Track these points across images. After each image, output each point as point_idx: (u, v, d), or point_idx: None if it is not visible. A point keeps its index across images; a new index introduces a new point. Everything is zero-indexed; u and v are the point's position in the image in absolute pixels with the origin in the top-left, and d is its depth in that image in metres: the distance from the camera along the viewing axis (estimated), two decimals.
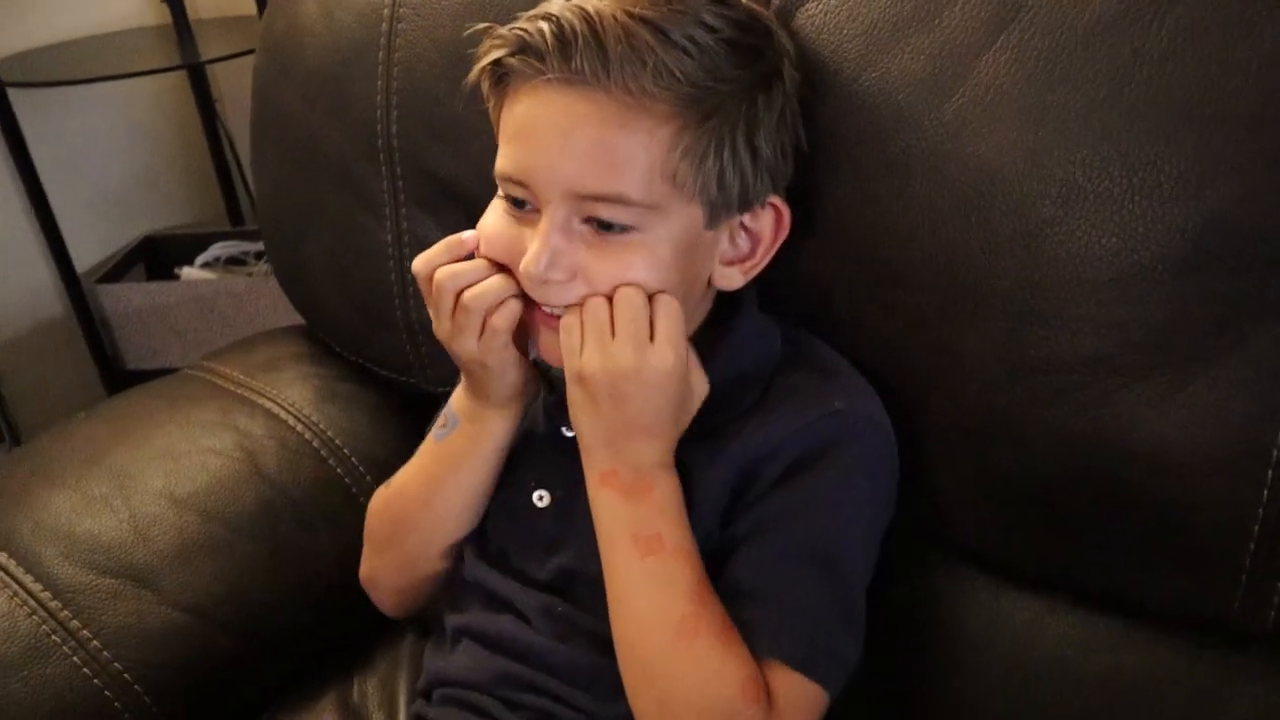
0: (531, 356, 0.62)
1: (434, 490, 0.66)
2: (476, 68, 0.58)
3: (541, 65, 0.53)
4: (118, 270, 1.40)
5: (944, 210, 0.56)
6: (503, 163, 0.57)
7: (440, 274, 0.57)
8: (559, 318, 0.57)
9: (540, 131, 0.54)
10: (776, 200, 0.59)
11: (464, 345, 0.58)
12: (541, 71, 0.54)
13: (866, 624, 0.58)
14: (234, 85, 1.46)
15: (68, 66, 1.28)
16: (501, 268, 0.58)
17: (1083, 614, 0.61)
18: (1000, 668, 0.62)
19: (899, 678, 0.65)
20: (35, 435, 1.32)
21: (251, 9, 1.40)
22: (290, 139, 0.88)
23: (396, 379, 0.91)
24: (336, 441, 0.89)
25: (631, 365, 0.54)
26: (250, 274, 1.38)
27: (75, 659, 0.71)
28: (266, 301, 1.31)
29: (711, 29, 0.53)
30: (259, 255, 1.42)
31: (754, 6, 0.58)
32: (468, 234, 0.59)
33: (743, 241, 0.60)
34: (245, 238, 1.44)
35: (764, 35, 0.57)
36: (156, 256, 1.46)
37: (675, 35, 0.52)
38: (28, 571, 0.74)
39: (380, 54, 0.78)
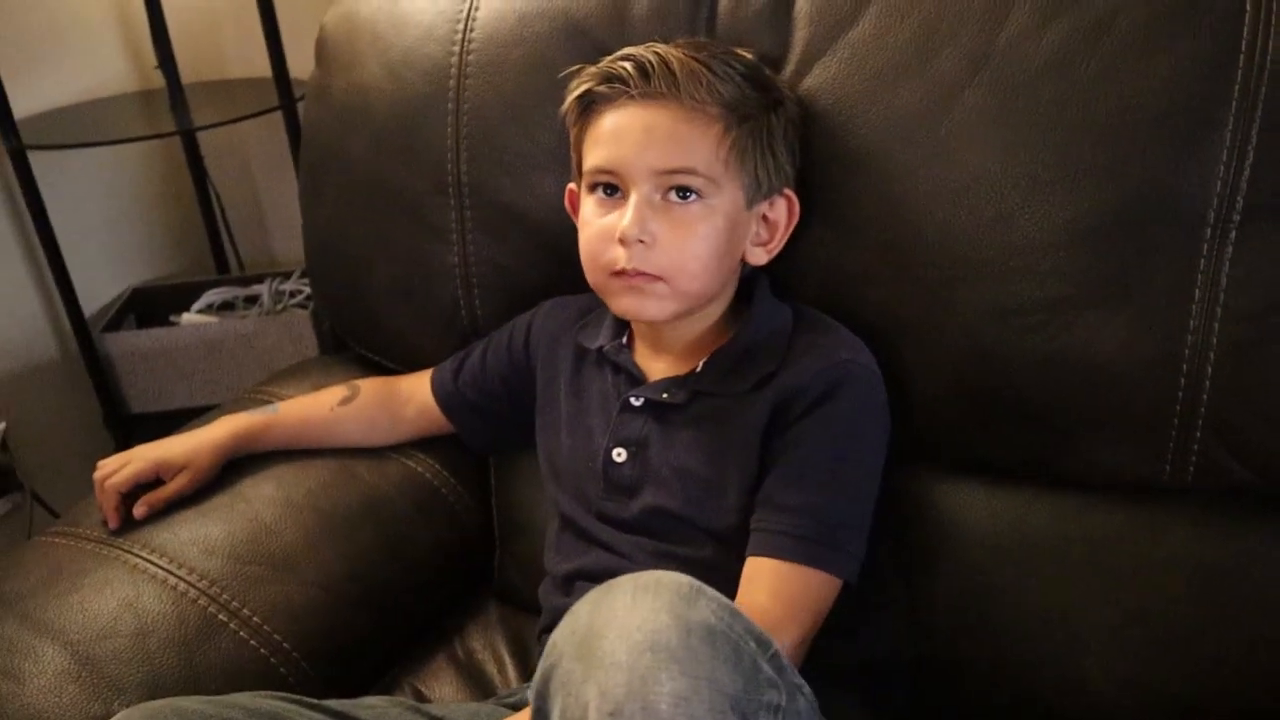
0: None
1: None
2: (571, 96, 0.79)
3: (627, 87, 0.75)
4: (113, 321, 1.47)
5: (941, 203, 0.77)
6: (595, 160, 0.77)
7: None
8: (644, 276, 0.75)
9: (629, 132, 0.75)
10: (789, 193, 0.80)
11: None
12: (627, 92, 0.75)
13: (884, 538, 0.77)
14: (217, 145, 1.56)
15: (70, 130, 1.35)
16: None
17: (1058, 495, 0.81)
18: (1005, 545, 0.82)
19: (918, 575, 0.84)
20: (38, 481, 1.37)
21: (237, 73, 1.51)
22: (355, 181, 1.01)
23: None
24: (411, 444, 1.03)
25: None
26: (244, 316, 1.47)
27: (241, 634, 0.83)
28: (273, 339, 1.41)
29: (736, 68, 0.77)
30: (249, 300, 1.52)
31: (756, 59, 0.80)
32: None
33: (763, 230, 0.80)
34: (236, 284, 1.53)
35: (769, 76, 0.80)
36: (146, 307, 1.53)
37: (716, 68, 0.75)
38: (180, 567, 0.85)
39: (450, 105, 0.94)
